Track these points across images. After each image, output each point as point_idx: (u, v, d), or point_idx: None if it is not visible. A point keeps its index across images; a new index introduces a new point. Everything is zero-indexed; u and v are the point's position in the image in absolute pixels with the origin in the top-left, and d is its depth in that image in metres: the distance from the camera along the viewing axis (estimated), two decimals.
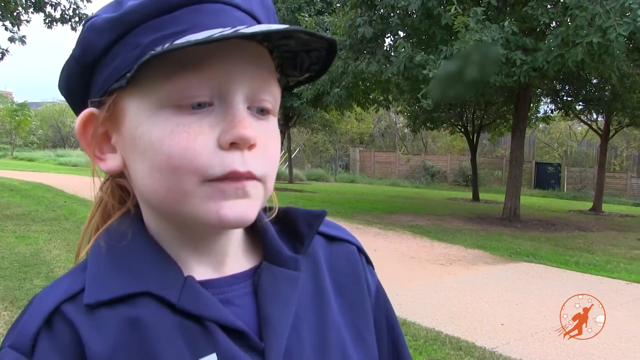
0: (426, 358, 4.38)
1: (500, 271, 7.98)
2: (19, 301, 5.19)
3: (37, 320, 0.59)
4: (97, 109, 0.64)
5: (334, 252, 0.76)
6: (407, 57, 11.79)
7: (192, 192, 0.58)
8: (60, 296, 0.60)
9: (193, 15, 0.58)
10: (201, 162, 0.57)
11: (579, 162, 34.26)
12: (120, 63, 0.59)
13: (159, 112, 0.58)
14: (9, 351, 0.58)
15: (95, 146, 0.66)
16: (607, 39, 9.01)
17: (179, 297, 0.60)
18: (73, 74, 0.65)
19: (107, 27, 0.59)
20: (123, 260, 0.63)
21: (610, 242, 11.62)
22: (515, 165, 14.23)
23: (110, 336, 0.58)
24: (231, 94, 0.59)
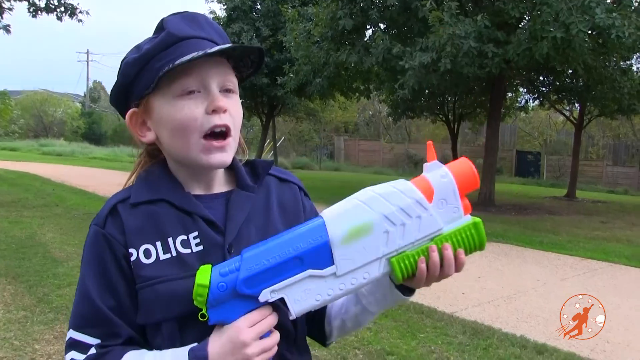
0: (391, 320, 4.93)
1: None
2: (20, 277, 5.69)
3: (105, 211, 1.11)
4: (136, 108, 1.14)
5: (282, 188, 1.26)
6: (386, 48, 12.31)
7: (193, 144, 1.08)
8: (116, 200, 1.13)
9: (181, 48, 1.08)
10: (197, 123, 1.07)
11: (558, 151, 34.91)
12: (147, 80, 1.09)
13: (172, 101, 1.08)
14: (94, 226, 1.12)
15: (138, 129, 1.16)
16: (569, 34, 9.63)
17: (180, 201, 1.12)
18: (119, 92, 1.16)
19: (135, 63, 1.10)
20: (152, 183, 1.14)
21: (576, 224, 12.27)
22: (491, 152, 14.81)
23: (138, 220, 1.09)
24: (208, 84, 1.08)
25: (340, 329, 1.22)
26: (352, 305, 1.17)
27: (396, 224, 0.96)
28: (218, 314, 0.96)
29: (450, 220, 0.99)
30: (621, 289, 6.53)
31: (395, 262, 0.97)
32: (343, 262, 0.95)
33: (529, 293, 6.15)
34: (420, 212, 0.97)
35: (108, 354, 1.03)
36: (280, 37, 18.82)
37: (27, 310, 4.70)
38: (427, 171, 1.01)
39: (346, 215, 0.96)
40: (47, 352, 3.86)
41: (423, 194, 0.97)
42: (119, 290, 1.06)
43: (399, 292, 1.08)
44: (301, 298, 0.96)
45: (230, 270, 0.95)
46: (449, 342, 4.49)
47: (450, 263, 0.99)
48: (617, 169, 30.65)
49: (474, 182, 1.01)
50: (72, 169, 21.66)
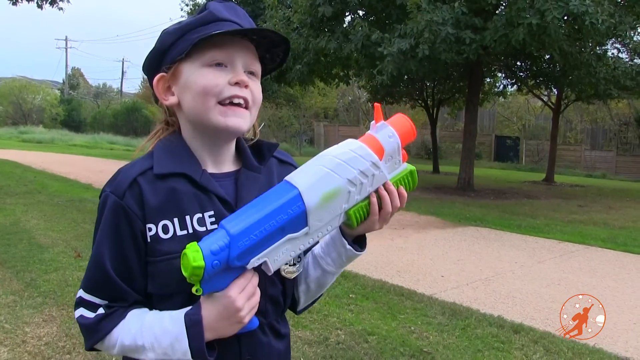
0: (372, 302, 5.07)
1: (448, 234, 8.74)
2: (7, 262, 5.74)
3: (126, 183, 1.17)
4: (165, 73, 1.23)
5: (282, 169, 1.36)
6: (364, 35, 12.42)
7: (212, 107, 1.18)
8: (137, 171, 1.19)
9: (215, 26, 1.18)
10: (218, 89, 1.17)
11: (536, 135, 35.25)
12: (181, 48, 1.19)
13: (200, 69, 1.18)
14: (111, 195, 1.17)
15: (162, 93, 1.25)
16: (545, 21, 9.82)
17: (200, 178, 1.20)
18: (154, 56, 1.25)
19: (174, 32, 1.21)
20: (172, 153, 1.22)
21: (554, 208, 12.52)
22: (469, 137, 15.02)
23: (159, 197, 1.17)
24: (235, 61, 1.20)
25: (306, 293, 1.35)
26: (312, 269, 1.30)
27: (356, 184, 1.11)
28: (210, 286, 1.06)
29: (392, 170, 1.16)
30: (596, 271, 6.73)
31: (352, 213, 1.13)
32: (315, 222, 1.09)
33: (507, 275, 6.32)
34: (374, 171, 1.12)
35: (115, 312, 1.15)
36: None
37: (15, 295, 4.77)
38: (376, 131, 1.15)
39: (318, 184, 1.08)
40: (37, 335, 3.94)
41: (376, 154, 1.12)
42: (131, 261, 1.15)
43: (352, 248, 1.22)
44: (279, 258, 1.09)
45: (221, 248, 1.03)
46: (428, 322, 4.63)
47: (394, 195, 1.16)
48: (595, 153, 31.06)
49: (412, 135, 1.18)
50: (52, 156, 21.54)
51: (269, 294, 1.25)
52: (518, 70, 18.64)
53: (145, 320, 1.13)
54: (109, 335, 1.14)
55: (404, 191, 1.19)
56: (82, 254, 6.12)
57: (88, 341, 1.17)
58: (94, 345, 1.17)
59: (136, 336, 1.12)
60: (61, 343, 3.83)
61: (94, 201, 10.03)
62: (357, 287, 5.48)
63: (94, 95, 66.19)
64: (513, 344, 4.22)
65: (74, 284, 5.12)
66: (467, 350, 4.08)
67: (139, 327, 1.12)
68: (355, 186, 1.11)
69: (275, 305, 1.28)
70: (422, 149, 33.38)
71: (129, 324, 1.14)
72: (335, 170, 1.09)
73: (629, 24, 11.97)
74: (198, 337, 1.08)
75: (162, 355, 1.11)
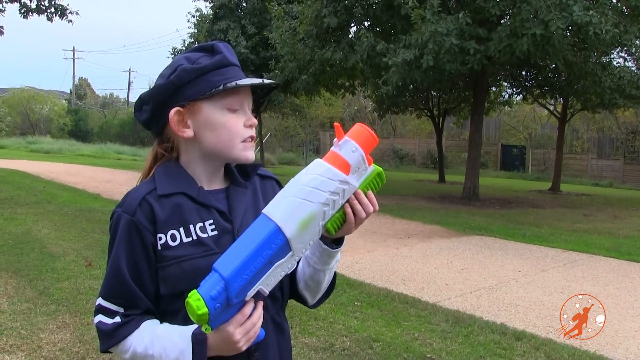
0: (377, 309, 5.17)
1: (453, 243, 8.82)
2: (20, 271, 5.86)
3: (136, 202, 1.33)
4: (182, 108, 1.35)
5: (264, 183, 1.55)
6: (370, 46, 12.56)
7: (235, 145, 1.35)
8: (145, 192, 1.35)
9: (231, 70, 1.34)
10: (241, 132, 1.35)
11: (543, 144, 35.21)
12: (202, 88, 1.32)
13: (222, 111, 1.34)
14: (123, 214, 1.33)
15: (178, 124, 1.37)
16: (549, 31, 9.94)
17: (197, 195, 1.36)
18: (166, 89, 1.36)
19: (193, 71, 1.33)
20: (171, 177, 1.38)
21: (559, 217, 12.58)
22: (474, 147, 15.09)
23: (166, 211, 1.33)
24: (245, 106, 1.37)
25: (307, 290, 1.49)
26: (305, 268, 1.44)
27: (329, 204, 1.20)
28: (216, 322, 1.18)
29: (360, 176, 1.24)
30: (599, 279, 6.80)
31: (329, 226, 1.23)
32: (298, 246, 1.19)
33: (510, 284, 6.41)
34: (344, 186, 1.20)
35: (131, 321, 1.29)
36: (266, 34, 18.99)
37: (30, 302, 4.89)
38: (340, 149, 1.22)
39: (294, 215, 1.17)
40: (52, 341, 4.06)
41: (342, 171, 1.20)
42: (143, 270, 1.31)
43: (329, 248, 1.35)
44: (271, 281, 1.20)
45: (219, 292, 1.15)
46: (432, 329, 4.72)
47: (365, 202, 1.26)
48: (601, 162, 31.01)
49: (373, 142, 1.24)
50: (60, 166, 21.70)
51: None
52: (523, 79, 18.73)
53: (157, 333, 1.27)
54: (124, 341, 1.28)
55: (373, 197, 1.28)
56: (92, 262, 6.24)
57: (103, 345, 1.31)
58: (109, 349, 1.32)
59: (147, 346, 1.26)
60: (75, 349, 3.95)
61: (103, 211, 10.17)
62: (363, 295, 5.58)
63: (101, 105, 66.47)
64: (515, 351, 4.31)
65: (85, 291, 5.24)
66: (470, 357, 4.16)
67: (150, 338, 1.27)
68: (329, 205, 1.19)
69: (273, 300, 1.43)
70: (428, 159, 33.45)
71: (143, 334, 1.28)
72: (307, 198, 1.17)
73: (633, 33, 12.05)
74: (201, 355, 1.22)
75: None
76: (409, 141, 36.20)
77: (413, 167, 32.58)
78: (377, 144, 1.25)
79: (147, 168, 1.46)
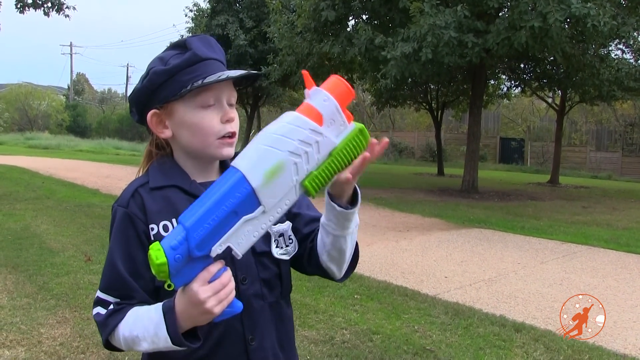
0: (376, 302, 5.18)
1: (452, 235, 8.83)
2: (20, 267, 5.86)
3: (128, 194, 1.35)
4: (158, 110, 1.37)
5: None
6: (368, 39, 12.56)
7: (211, 143, 1.34)
8: (137, 185, 1.37)
9: (202, 67, 1.32)
10: (216, 129, 1.33)
11: (541, 137, 35.27)
12: (173, 89, 1.32)
13: (194, 110, 1.33)
14: (118, 208, 1.35)
15: (157, 127, 1.39)
16: (547, 24, 9.93)
17: (189, 187, 1.37)
18: (143, 92, 1.38)
19: (163, 73, 1.33)
20: (164, 171, 1.39)
21: (557, 209, 12.59)
22: (473, 140, 15.09)
23: (158, 202, 1.34)
24: (222, 99, 1.34)
25: (332, 261, 1.40)
26: (325, 237, 1.36)
27: (300, 154, 1.11)
28: (180, 279, 1.12)
29: (339, 133, 1.15)
30: (598, 271, 6.81)
31: (307, 184, 1.13)
32: (268, 200, 1.11)
33: (509, 276, 6.42)
34: (316, 137, 1.12)
35: (122, 309, 1.28)
36: (264, 27, 18.98)
37: (29, 298, 4.89)
38: (310, 98, 1.15)
39: (259, 162, 1.10)
40: (52, 335, 4.06)
41: (314, 121, 1.12)
42: (138, 260, 1.31)
43: (343, 209, 1.26)
44: (242, 241, 1.13)
45: (180, 242, 1.09)
46: (431, 322, 4.73)
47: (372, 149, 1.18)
48: (600, 155, 31.08)
49: (349, 94, 1.16)
50: (59, 162, 21.69)
51: (261, 278, 1.38)
52: (522, 72, 18.73)
53: (139, 313, 1.25)
54: (116, 330, 1.27)
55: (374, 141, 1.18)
56: (92, 257, 6.24)
57: (102, 336, 1.31)
58: (108, 340, 1.31)
59: (132, 327, 1.24)
60: (75, 343, 3.95)
61: (102, 206, 10.18)
62: (362, 288, 5.59)
63: (99, 100, 66.51)
64: (514, 342, 4.32)
65: (85, 286, 5.25)
66: (469, 349, 4.17)
67: (133, 319, 1.25)
68: (300, 157, 1.11)
69: (270, 288, 1.40)
70: (426, 152, 33.48)
71: (128, 317, 1.26)
72: (273, 145, 1.10)
73: (632, 25, 12.06)
74: (173, 323, 1.17)
75: (152, 344, 1.21)
76: (408, 134, 36.23)
77: (412, 161, 32.61)
78: (354, 98, 1.19)
79: (143, 163, 1.48)
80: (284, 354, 1.45)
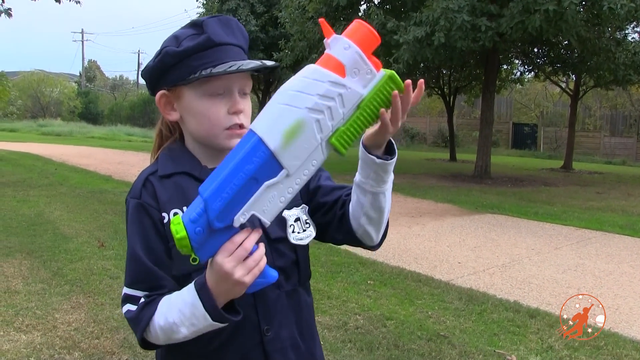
0: (390, 288, 5.16)
1: (465, 221, 8.79)
2: (34, 252, 5.91)
3: (140, 184, 1.32)
4: (167, 91, 1.34)
5: None
6: (380, 23, 12.45)
7: (218, 134, 1.30)
8: (147, 174, 1.34)
9: (217, 53, 1.27)
10: (221, 120, 1.29)
11: (555, 122, 34.93)
12: (182, 73, 1.28)
13: (202, 97, 1.29)
14: (131, 199, 1.32)
15: (165, 108, 1.36)
16: (562, 7, 9.80)
17: (200, 173, 1.32)
18: (154, 71, 1.34)
19: (175, 55, 1.28)
20: (173, 158, 1.36)
21: (571, 195, 12.50)
22: (486, 125, 14.99)
23: (168, 190, 1.31)
24: (232, 88, 1.30)
25: (371, 224, 1.31)
26: (362, 197, 1.26)
27: (322, 110, 1.03)
28: (205, 252, 1.08)
29: (367, 83, 1.05)
30: (613, 257, 6.75)
31: (335, 141, 1.05)
32: (290, 162, 1.04)
33: (523, 262, 6.38)
34: (339, 90, 1.02)
35: (152, 302, 1.23)
36: (275, 12, 18.89)
37: (44, 283, 4.93)
38: (330, 48, 1.05)
39: (276, 123, 1.03)
40: (67, 321, 4.09)
41: (335, 72, 1.02)
42: (158, 249, 1.27)
43: (383, 160, 1.18)
44: (268, 207, 1.06)
45: (199, 214, 1.05)
46: (445, 307, 4.71)
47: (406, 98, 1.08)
48: (614, 140, 30.75)
49: (374, 39, 1.05)
50: (71, 148, 21.80)
51: (277, 266, 1.26)
52: (535, 56, 18.54)
53: (171, 299, 1.21)
54: (151, 323, 1.21)
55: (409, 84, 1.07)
56: (105, 243, 6.26)
57: (137, 334, 1.24)
58: (144, 337, 1.23)
59: (167, 315, 1.19)
60: (89, 328, 3.97)
61: (114, 192, 10.22)
62: (375, 274, 5.57)
63: (110, 87, 66.64)
64: (529, 328, 4.29)
65: (98, 272, 5.27)
66: (484, 334, 4.15)
67: (167, 306, 1.20)
68: (322, 112, 1.03)
69: (287, 276, 1.33)
70: (439, 137, 33.31)
71: (160, 307, 1.21)
72: (290, 102, 1.03)
73: None
74: (209, 298, 1.13)
75: (191, 327, 1.16)
76: (420, 120, 36.00)
77: (424, 146, 32.45)
78: (379, 42, 1.06)
79: (154, 146, 1.45)
80: (305, 344, 1.39)
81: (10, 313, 4.21)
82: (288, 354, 1.34)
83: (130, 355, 3.63)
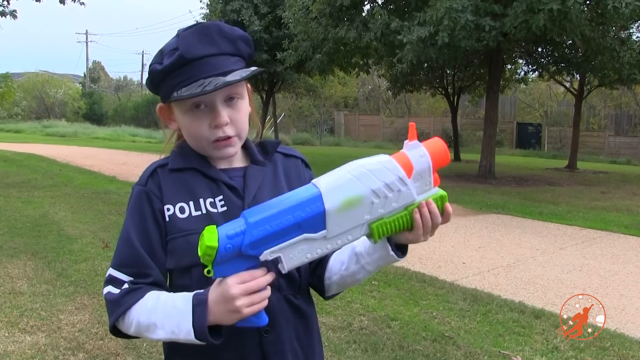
0: (394, 289, 5.15)
1: (469, 221, 8.78)
2: (39, 253, 5.91)
3: (147, 174, 1.34)
4: (164, 104, 1.37)
5: (287, 162, 1.49)
6: (384, 23, 12.44)
7: (205, 146, 1.32)
8: (156, 165, 1.36)
9: (190, 70, 1.26)
10: (205, 135, 1.30)
11: (559, 122, 34.85)
12: (166, 91, 1.30)
13: (185, 113, 1.30)
14: (136, 186, 1.34)
15: (165, 119, 1.40)
16: (566, 6, 9.77)
17: (208, 170, 1.34)
18: (149, 86, 1.37)
19: (157, 75, 1.30)
20: (185, 155, 1.36)
21: (576, 195, 12.46)
22: (490, 125, 14.95)
23: (175, 184, 1.33)
24: (213, 102, 1.28)
25: (339, 284, 1.42)
26: (352, 264, 1.35)
27: (381, 197, 1.12)
28: (222, 270, 1.12)
29: (422, 192, 1.16)
30: (618, 257, 6.73)
31: (374, 227, 1.14)
32: (334, 227, 1.11)
33: (528, 262, 6.36)
34: (400, 186, 1.12)
35: (137, 290, 1.25)
36: (279, 13, 18.88)
37: (48, 284, 4.94)
38: (408, 149, 1.16)
39: (340, 189, 1.10)
40: (71, 322, 4.10)
41: (405, 171, 1.13)
42: (153, 238, 1.29)
43: (394, 254, 1.25)
44: (295, 256, 1.12)
45: (237, 234, 1.09)
46: (450, 308, 4.70)
47: (434, 210, 1.18)
48: (619, 139, 30.66)
49: (445, 159, 1.18)
50: (76, 149, 21.84)
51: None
52: (539, 56, 18.49)
53: (161, 298, 1.23)
54: (129, 311, 1.23)
55: (448, 208, 1.21)
56: (109, 244, 6.27)
57: (111, 317, 1.26)
58: (116, 323, 1.26)
59: (151, 312, 1.21)
60: (94, 330, 3.97)
61: (119, 193, 10.23)
62: (380, 275, 5.56)
63: (114, 88, 66.68)
64: (534, 329, 4.28)
65: (102, 273, 5.26)
66: (489, 335, 4.14)
67: (154, 304, 1.22)
68: (380, 198, 1.12)
69: (288, 279, 1.36)
70: (443, 137, 32.59)
71: (147, 301, 1.23)
72: (360, 178, 1.11)
73: None
74: (202, 316, 1.15)
75: (170, 334, 1.19)
76: (424, 120, 35.92)
77: None
78: (448, 163, 1.20)
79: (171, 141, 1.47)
80: (303, 351, 1.40)
81: (15, 314, 4.22)
82: (286, 357, 1.35)
83: (135, 356, 3.63)
